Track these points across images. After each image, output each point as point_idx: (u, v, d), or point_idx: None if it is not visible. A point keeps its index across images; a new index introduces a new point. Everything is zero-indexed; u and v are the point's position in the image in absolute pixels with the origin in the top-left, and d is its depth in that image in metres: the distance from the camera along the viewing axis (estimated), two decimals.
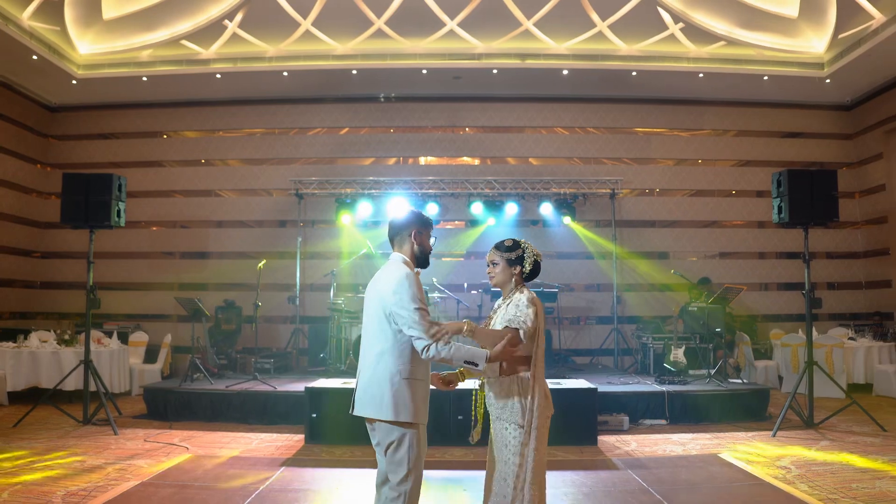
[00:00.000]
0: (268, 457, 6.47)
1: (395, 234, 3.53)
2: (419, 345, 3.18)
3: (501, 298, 3.61)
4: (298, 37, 11.67)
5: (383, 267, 3.50)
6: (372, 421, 3.31)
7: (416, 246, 3.49)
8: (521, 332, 3.32)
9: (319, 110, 13.58)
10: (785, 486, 5.28)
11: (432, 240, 3.56)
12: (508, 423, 3.32)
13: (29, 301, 13.41)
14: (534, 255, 3.56)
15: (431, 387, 3.42)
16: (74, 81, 12.27)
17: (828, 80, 12.18)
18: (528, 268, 3.53)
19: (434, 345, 3.15)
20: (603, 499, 5.09)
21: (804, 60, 12.08)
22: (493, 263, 3.59)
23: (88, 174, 8.10)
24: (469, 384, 3.72)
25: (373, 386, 3.28)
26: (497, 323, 3.49)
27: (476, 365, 3.19)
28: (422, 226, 3.52)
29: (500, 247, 3.59)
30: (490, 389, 3.44)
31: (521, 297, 3.45)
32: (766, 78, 12.17)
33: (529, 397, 3.31)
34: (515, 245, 3.57)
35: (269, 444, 7.08)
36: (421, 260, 3.51)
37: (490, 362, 3.24)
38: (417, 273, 3.44)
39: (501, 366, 3.36)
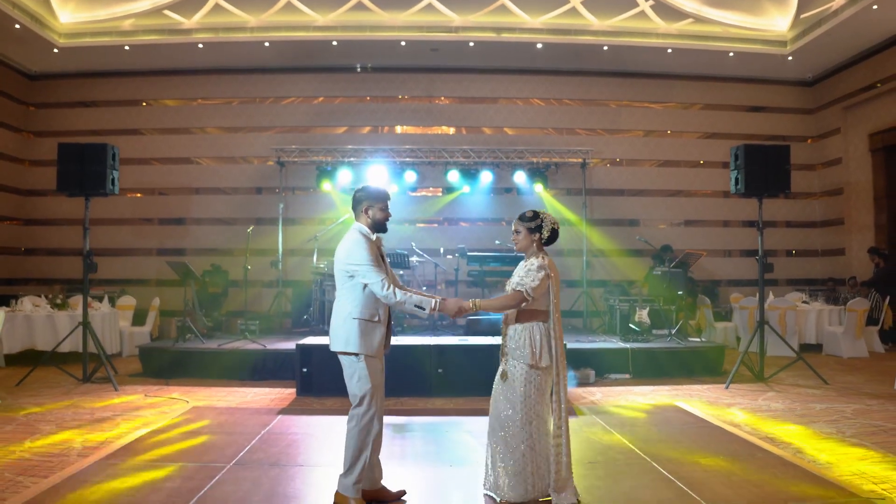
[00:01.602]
0: (264, 407, 6.99)
1: (354, 208, 4.20)
2: (378, 290, 3.91)
3: (524, 260, 4.18)
4: (280, 8, 11.95)
5: (345, 234, 4.14)
6: (337, 355, 4.07)
7: (369, 218, 4.12)
8: (525, 292, 3.95)
9: (299, 80, 13.87)
10: (730, 428, 5.94)
11: (382, 212, 4.14)
12: (519, 361, 3.98)
13: (13, 268, 13.66)
14: (551, 223, 4.16)
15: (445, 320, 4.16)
16: (56, 50, 12.41)
17: (790, 58, 12.77)
18: (546, 234, 4.13)
19: (391, 289, 3.88)
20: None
21: (768, 38, 12.65)
22: (517, 232, 4.20)
23: (84, 144, 8.38)
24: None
25: (335, 326, 4.07)
26: (513, 280, 4.10)
27: (423, 309, 3.92)
28: (373, 200, 4.13)
29: (522, 217, 4.20)
30: (509, 334, 4.09)
31: (534, 262, 4.05)
32: (731, 54, 12.73)
33: (539, 342, 3.97)
34: (535, 215, 4.17)
35: (263, 397, 7.59)
36: (377, 227, 4.15)
37: (437, 311, 3.97)
38: (378, 239, 4.15)
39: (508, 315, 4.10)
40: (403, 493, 4.25)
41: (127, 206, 13.73)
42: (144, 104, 14.03)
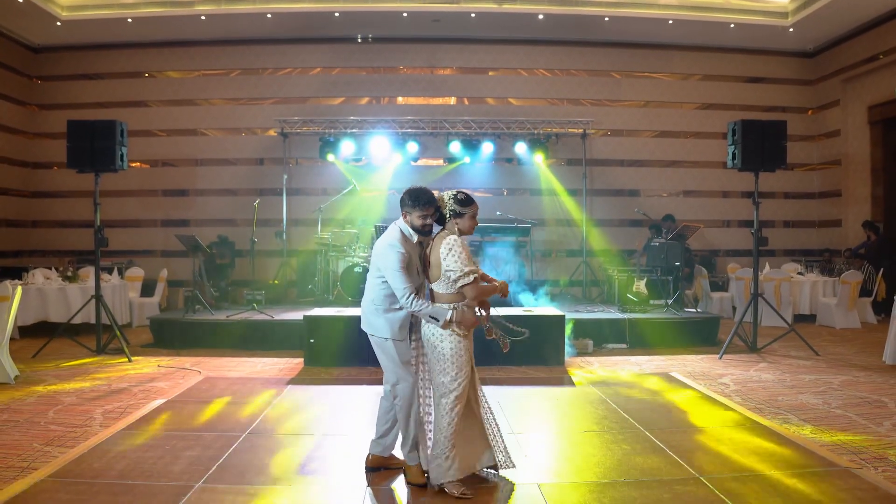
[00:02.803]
0: (274, 377, 7.27)
1: (400, 207, 4.22)
2: (400, 297, 4.01)
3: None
4: None
5: (389, 228, 4.25)
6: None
7: (408, 223, 4.16)
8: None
9: (300, 51, 13.92)
10: (721, 398, 6.21)
11: (421, 220, 4.11)
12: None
13: (21, 240, 13.86)
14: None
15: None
16: (59, 23, 12.43)
17: (791, 29, 12.79)
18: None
19: (411, 298, 3.97)
20: (567, 409, 5.97)
21: (769, 9, 12.66)
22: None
23: (93, 121, 8.53)
24: None
25: (363, 308, 4.32)
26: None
27: (437, 320, 3.99)
28: (410, 207, 4.13)
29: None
30: None
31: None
32: (732, 25, 12.75)
33: None
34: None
35: (271, 367, 7.87)
36: (418, 231, 4.16)
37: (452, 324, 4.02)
38: (422, 239, 4.19)
39: None
40: None
41: (133, 177, 13.83)
42: (148, 76, 14.09)
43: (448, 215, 4.15)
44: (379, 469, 4.42)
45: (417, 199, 4.10)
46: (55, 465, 4.38)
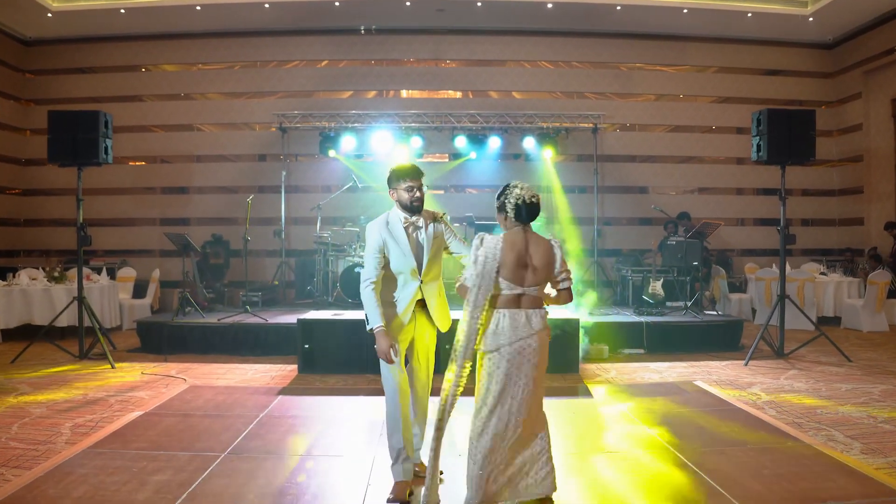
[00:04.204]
0: (264, 386, 6.72)
1: (388, 187, 4.04)
2: (362, 279, 3.88)
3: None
4: None
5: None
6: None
7: (396, 199, 3.96)
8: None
9: (301, 42, 13.40)
10: (755, 411, 5.63)
11: (408, 192, 3.92)
12: None
13: (12, 239, 13.40)
14: (516, 198, 3.72)
15: None
16: (49, 14, 11.98)
17: (811, 19, 12.23)
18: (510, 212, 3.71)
19: (368, 288, 3.82)
20: (585, 424, 5.39)
21: None
22: None
23: (76, 111, 8.04)
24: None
25: None
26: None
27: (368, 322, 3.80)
28: (395, 182, 3.96)
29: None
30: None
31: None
32: (749, 15, 12.19)
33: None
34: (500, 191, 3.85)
35: (263, 375, 7.33)
36: (408, 208, 3.95)
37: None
38: (405, 220, 3.95)
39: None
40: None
41: (128, 174, 13.41)
42: (144, 70, 13.60)
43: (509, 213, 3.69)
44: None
45: (398, 171, 3.99)
46: (5, 491, 3.84)
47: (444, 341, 4.17)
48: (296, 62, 13.49)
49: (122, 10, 12.03)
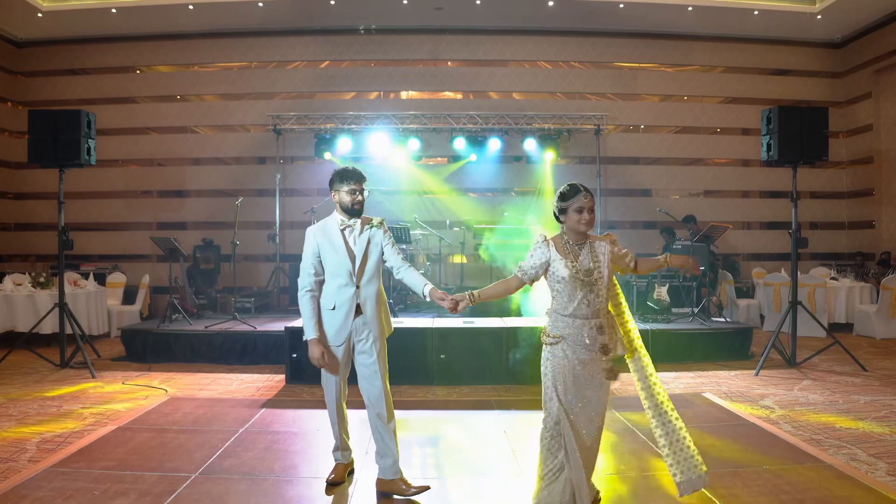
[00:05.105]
0: (248, 398, 6.38)
1: (330, 190, 4.04)
2: (299, 287, 3.94)
3: (577, 244, 3.53)
4: None
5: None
6: None
7: (338, 202, 3.96)
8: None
9: (297, 43, 13.10)
10: (769, 427, 5.26)
11: (349, 195, 3.92)
12: None
13: (3, 244, 13.10)
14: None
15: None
16: (40, 14, 11.73)
17: (819, 16, 11.90)
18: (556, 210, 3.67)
19: (304, 297, 3.91)
20: None
21: None
22: (591, 211, 3.56)
23: (56, 111, 7.77)
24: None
25: None
26: (605, 266, 3.47)
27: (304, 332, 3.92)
28: (338, 184, 3.96)
29: (591, 192, 3.55)
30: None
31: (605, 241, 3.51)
32: (756, 13, 11.86)
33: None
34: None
35: (249, 385, 6.99)
36: (349, 212, 3.96)
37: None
38: (342, 223, 3.96)
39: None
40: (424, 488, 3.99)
41: (121, 177, 13.11)
42: (137, 71, 13.31)
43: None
44: (388, 495, 3.95)
45: (341, 173, 3.98)
46: None
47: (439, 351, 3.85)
48: (292, 63, 13.18)
49: (114, 10, 11.76)
